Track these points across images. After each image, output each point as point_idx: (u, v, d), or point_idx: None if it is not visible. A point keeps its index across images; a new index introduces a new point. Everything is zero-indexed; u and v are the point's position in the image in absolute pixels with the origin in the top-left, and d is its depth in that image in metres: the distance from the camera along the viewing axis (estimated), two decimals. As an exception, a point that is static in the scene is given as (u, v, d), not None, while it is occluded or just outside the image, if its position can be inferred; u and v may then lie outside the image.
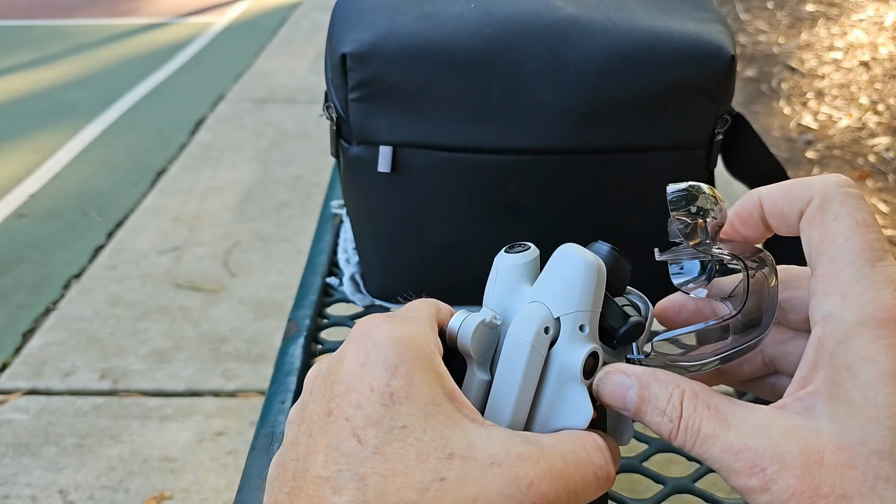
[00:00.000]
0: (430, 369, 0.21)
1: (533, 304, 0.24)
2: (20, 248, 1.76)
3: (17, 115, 2.59)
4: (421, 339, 0.22)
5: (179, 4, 4.21)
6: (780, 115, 2.51)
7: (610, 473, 0.22)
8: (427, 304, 0.25)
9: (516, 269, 0.25)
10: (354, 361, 0.21)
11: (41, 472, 1.13)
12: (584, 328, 0.23)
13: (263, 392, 1.26)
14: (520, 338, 0.23)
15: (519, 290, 0.25)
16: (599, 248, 0.25)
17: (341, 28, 0.54)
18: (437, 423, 0.20)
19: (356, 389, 0.21)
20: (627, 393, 0.23)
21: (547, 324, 0.23)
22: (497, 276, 0.25)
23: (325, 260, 0.70)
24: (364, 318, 0.23)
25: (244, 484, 0.47)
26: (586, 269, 0.23)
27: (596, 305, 0.23)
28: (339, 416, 0.20)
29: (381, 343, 0.21)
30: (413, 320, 0.23)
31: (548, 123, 0.53)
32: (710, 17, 0.56)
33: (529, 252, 0.25)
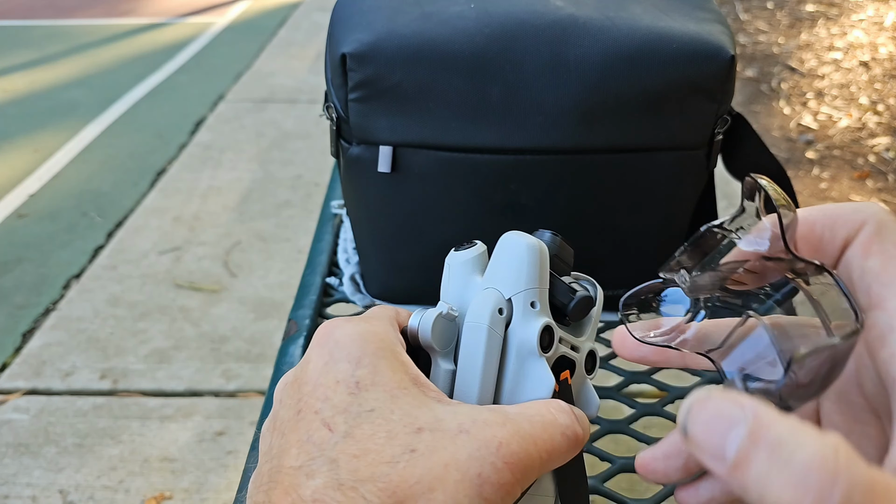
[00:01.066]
0: (394, 359, 0.22)
1: (485, 291, 0.25)
2: (20, 248, 1.76)
3: (17, 115, 2.59)
4: (382, 332, 0.23)
5: (179, 4, 4.21)
6: (780, 115, 2.51)
7: (578, 433, 0.23)
8: (385, 308, 0.26)
9: (466, 264, 0.27)
10: (319, 361, 0.22)
11: (41, 472, 1.13)
12: (535, 304, 0.25)
13: (263, 392, 1.26)
14: (477, 321, 0.24)
15: (471, 282, 0.26)
16: (541, 234, 0.27)
17: (341, 28, 0.54)
18: (403, 403, 0.21)
19: (323, 385, 0.21)
20: (731, 431, 0.15)
21: (500, 305, 0.24)
22: (450, 272, 0.27)
23: (326, 260, 0.70)
24: (325, 322, 0.24)
25: (244, 484, 0.47)
26: (529, 250, 0.25)
27: (543, 283, 0.25)
28: (309, 412, 0.21)
29: (343, 340, 0.22)
30: (373, 318, 0.24)
31: (548, 123, 0.53)
32: (710, 17, 0.56)
33: (477, 247, 0.27)
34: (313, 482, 0.19)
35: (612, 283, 0.60)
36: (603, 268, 0.60)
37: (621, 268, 0.60)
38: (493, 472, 0.20)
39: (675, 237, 0.61)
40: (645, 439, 0.49)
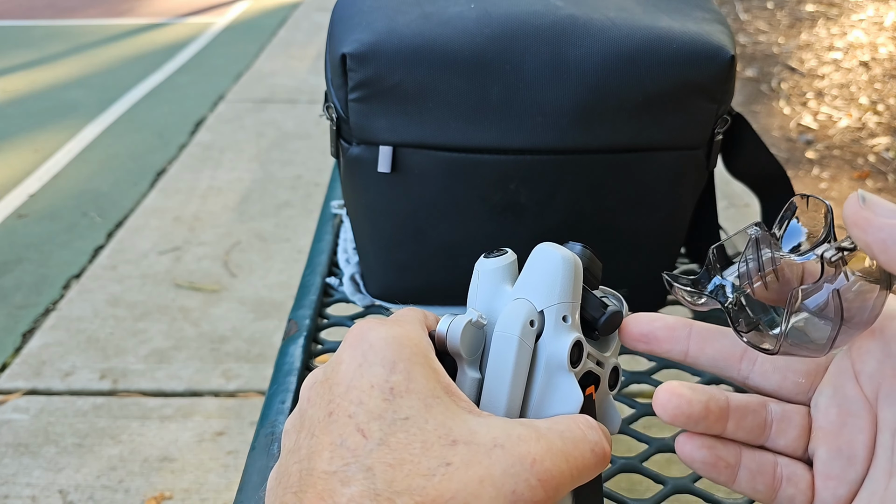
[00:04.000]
0: (427, 365, 0.22)
1: (517, 301, 0.25)
2: (20, 249, 1.76)
3: (17, 116, 2.59)
4: (415, 337, 0.23)
5: (179, 5, 4.21)
6: (780, 115, 2.51)
7: (606, 450, 0.23)
8: (414, 310, 0.26)
9: (496, 272, 0.26)
10: (352, 363, 0.22)
11: (41, 471, 1.13)
12: (567, 318, 0.24)
13: (263, 392, 1.26)
14: (507, 332, 0.24)
15: (501, 290, 0.26)
16: (573, 246, 0.27)
17: (341, 28, 0.54)
18: (437, 413, 0.21)
19: (357, 388, 0.21)
20: None
21: (532, 317, 0.24)
22: (479, 279, 0.26)
23: (325, 260, 0.70)
24: (358, 323, 0.24)
25: (244, 484, 0.47)
26: (564, 263, 0.24)
27: (576, 297, 0.25)
28: (342, 415, 0.21)
29: (378, 343, 0.22)
30: (405, 322, 0.24)
31: (547, 123, 0.53)
32: (710, 17, 0.56)
33: (508, 256, 0.27)
34: (349, 489, 0.19)
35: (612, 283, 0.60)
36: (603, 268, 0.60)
37: (621, 268, 0.60)
38: (526, 489, 0.20)
39: (674, 237, 0.61)
40: (645, 439, 0.49)
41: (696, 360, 0.26)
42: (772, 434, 0.24)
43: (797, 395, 0.25)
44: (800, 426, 0.24)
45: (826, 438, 0.23)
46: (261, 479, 0.47)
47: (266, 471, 0.48)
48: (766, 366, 0.25)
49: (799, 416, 0.24)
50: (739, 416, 0.24)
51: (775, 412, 0.24)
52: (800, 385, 0.24)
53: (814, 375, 0.24)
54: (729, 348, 0.25)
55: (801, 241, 0.24)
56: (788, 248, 0.24)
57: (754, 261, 0.24)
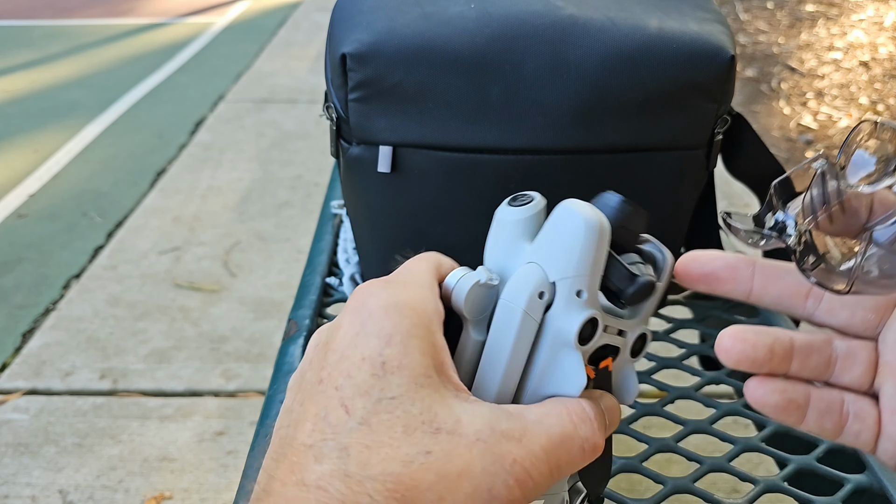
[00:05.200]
0: (426, 339, 0.21)
1: (528, 266, 0.22)
2: (20, 249, 1.76)
3: (16, 115, 2.59)
4: (419, 305, 0.22)
5: (179, 5, 4.21)
6: (780, 115, 2.51)
7: (597, 444, 0.22)
8: (427, 262, 0.24)
9: (517, 225, 0.24)
10: (350, 330, 0.21)
11: (41, 471, 1.13)
12: (582, 293, 0.22)
13: (263, 392, 1.26)
14: (512, 302, 0.22)
15: (519, 247, 0.23)
16: (608, 199, 0.24)
17: (341, 28, 0.54)
18: (425, 395, 0.20)
19: (348, 359, 0.21)
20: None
21: (541, 288, 0.22)
22: (498, 230, 0.24)
23: (325, 260, 0.70)
24: (361, 286, 0.23)
25: (244, 484, 0.47)
26: (586, 230, 0.22)
27: (596, 269, 0.22)
28: (329, 385, 0.20)
29: (377, 312, 0.21)
30: (412, 284, 0.23)
31: (547, 123, 0.53)
32: (710, 17, 0.56)
33: (532, 205, 0.24)
34: (320, 467, 0.19)
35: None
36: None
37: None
38: (503, 489, 0.20)
39: (674, 237, 0.61)
40: (645, 439, 0.49)
41: (759, 300, 0.24)
42: (836, 370, 0.23)
43: (865, 330, 0.24)
44: (866, 362, 0.23)
45: (894, 373, 0.23)
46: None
47: (266, 471, 0.48)
48: (833, 303, 0.24)
49: (865, 352, 0.23)
50: (804, 355, 0.23)
51: (840, 349, 0.23)
52: (868, 321, 0.24)
53: (883, 310, 0.23)
54: (794, 286, 0.24)
55: (870, 171, 0.22)
56: (856, 178, 0.22)
57: (819, 193, 0.22)
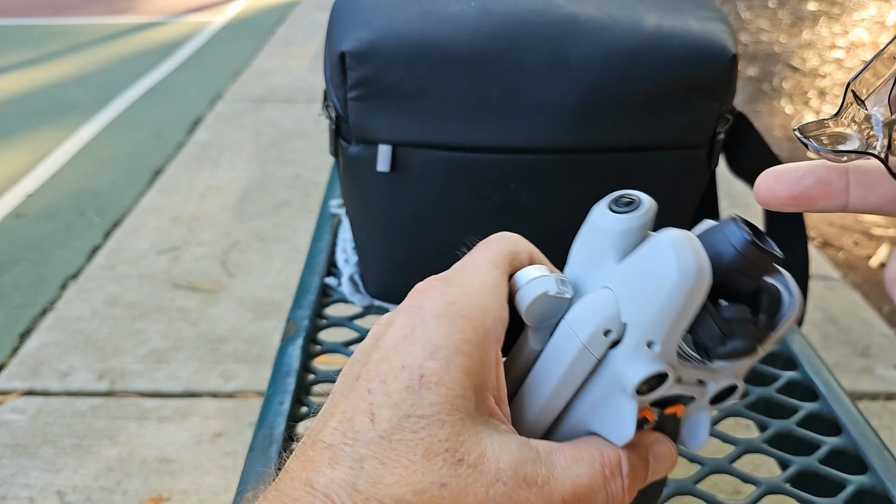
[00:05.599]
0: (474, 356, 0.19)
1: (604, 294, 0.20)
2: (17, 249, 1.75)
3: (14, 115, 2.59)
4: (476, 315, 0.20)
5: (177, 3, 4.20)
6: (782, 115, 2.51)
7: (621, 500, 0.21)
8: (498, 253, 0.22)
9: (609, 235, 0.20)
10: (398, 332, 0.20)
11: (39, 472, 1.12)
12: (654, 345, 0.19)
13: (262, 393, 1.26)
14: (575, 330, 0.20)
15: (605, 261, 0.20)
16: (731, 235, 0.19)
17: (340, 26, 0.54)
18: (457, 419, 0.19)
19: (388, 362, 0.19)
20: None
21: (609, 326, 0.19)
22: (588, 233, 0.21)
23: (324, 260, 0.70)
24: (422, 284, 0.21)
25: (242, 485, 0.47)
26: (677, 282, 0.18)
27: (678, 323, 0.19)
28: (363, 386, 0.19)
29: (429, 319, 0.20)
30: (475, 286, 0.21)
31: (548, 122, 0.53)
32: (712, 16, 0.56)
33: (634, 216, 0.20)
34: (332, 472, 0.18)
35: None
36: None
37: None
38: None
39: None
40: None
41: (857, 209, 0.21)
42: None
43: None
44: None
45: None
46: (259, 481, 0.47)
47: (265, 473, 0.48)
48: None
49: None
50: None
51: None
52: None
53: None
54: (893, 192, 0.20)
55: None
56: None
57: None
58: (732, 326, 0.19)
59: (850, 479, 0.48)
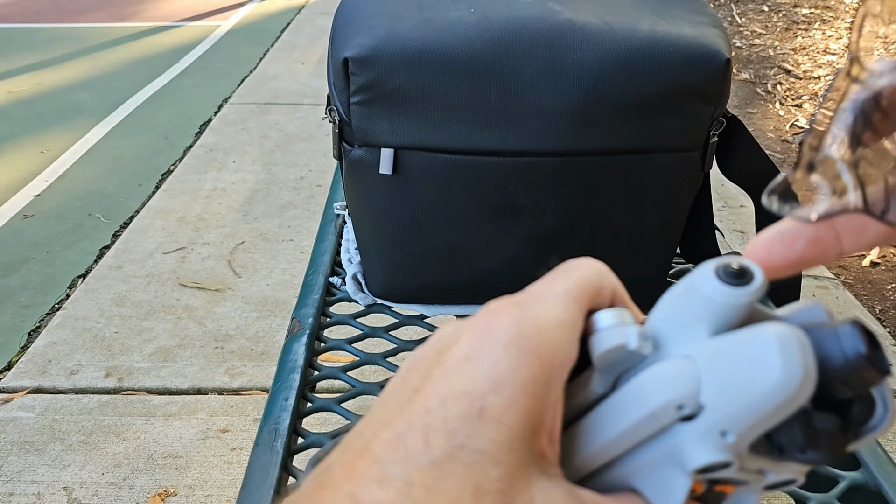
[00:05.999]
0: (538, 396, 0.18)
1: (686, 365, 0.18)
2: (26, 249, 1.78)
3: (23, 117, 2.61)
4: (547, 352, 0.19)
5: (183, 8, 4.23)
6: (776, 118, 2.51)
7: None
8: (581, 285, 0.20)
9: (709, 304, 0.18)
10: (465, 352, 0.19)
11: (46, 469, 1.14)
12: (728, 436, 0.17)
13: (267, 389, 1.27)
14: (646, 394, 0.18)
15: (696, 328, 0.19)
16: (846, 341, 0.17)
17: (343, 33, 0.55)
18: (512, 460, 0.18)
19: (451, 383, 0.18)
20: None
21: (684, 402, 0.18)
22: (684, 293, 0.19)
23: (328, 260, 0.71)
24: (496, 304, 0.20)
25: (248, 480, 0.48)
26: (777, 387, 0.16)
27: (762, 425, 0.17)
28: (421, 403, 0.18)
29: (499, 348, 0.19)
30: (551, 319, 0.19)
31: (546, 126, 0.54)
32: (706, 21, 0.57)
33: (743, 292, 0.18)
34: (378, 492, 0.17)
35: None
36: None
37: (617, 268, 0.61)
38: None
39: (670, 238, 0.62)
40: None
41: (854, 251, 0.21)
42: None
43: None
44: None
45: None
46: (264, 476, 0.48)
47: (270, 467, 0.49)
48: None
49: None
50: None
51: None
52: None
53: None
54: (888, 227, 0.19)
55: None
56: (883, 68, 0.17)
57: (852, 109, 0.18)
58: (819, 438, 0.17)
59: (843, 475, 0.48)
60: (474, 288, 0.62)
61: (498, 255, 0.59)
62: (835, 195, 0.18)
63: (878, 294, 1.59)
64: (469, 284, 0.62)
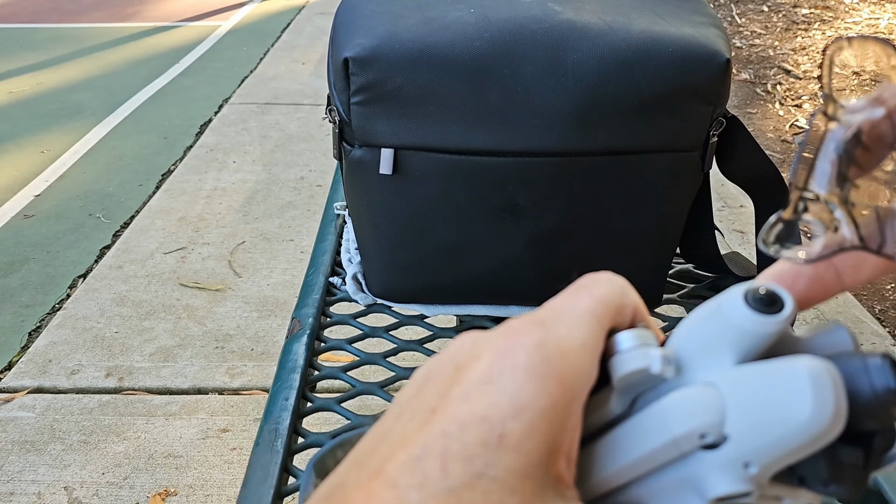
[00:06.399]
0: (558, 422, 0.18)
1: (710, 393, 0.18)
2: (27, 249, 1.78)
3: (23, 117, 2.62)
4: (569, 376, 0.19)
5: (184, 9, 4.23)
6: (775, 118, 2.51)
7: None
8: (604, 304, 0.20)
9: (736, 331, 0.18)
10: (485, 373, 0.18)
11: (47, 468, 1.14)
12: (751, 468, 0.17)
13: (267, 389, 1.27)
14: (668, 421, 0.18)
15: (721, 354, 0.18)
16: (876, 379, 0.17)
17: (344, 33, 0.55)
18: (529, 487, 0.18)
19: (470, 405, 0.18)
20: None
21: (707, 431, 0.17)
22: (710, 318, 0.19)
23: (328, 260, 0.72)
24: (516, 322, 0.19)
25: (248, 480, 0.48)
26: (808, 424, 0.16)
27: (787, 459, 0.17)
28: (439, 424, 0.18)
29: (520, 372, 0.18)
30: (573, 341, 0.19)
31: (545, 126, 0.54)
32: (706, 21, 0.57)
33: (772, 321, 0.18)
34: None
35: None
36: (598, 268, 0.61)
37: (616, 268, 0.61)
38: None
39: (670, 238, 0.62)
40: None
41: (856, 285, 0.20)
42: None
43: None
44: None
45: None
46: (265, 475, 0.49)
47: (270, 467, 0.49)
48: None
49: None
50: None
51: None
52: None
53: None
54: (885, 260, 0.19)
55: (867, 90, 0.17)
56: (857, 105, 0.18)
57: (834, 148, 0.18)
58: (843, 472, 0.17)
59: (840, 474, 0.49)
60: (474, 288, 0.62)
61: (498, 255, 0.60)
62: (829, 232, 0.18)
63: (878, 294, 1.60)
64: (469, 284, 0.62)
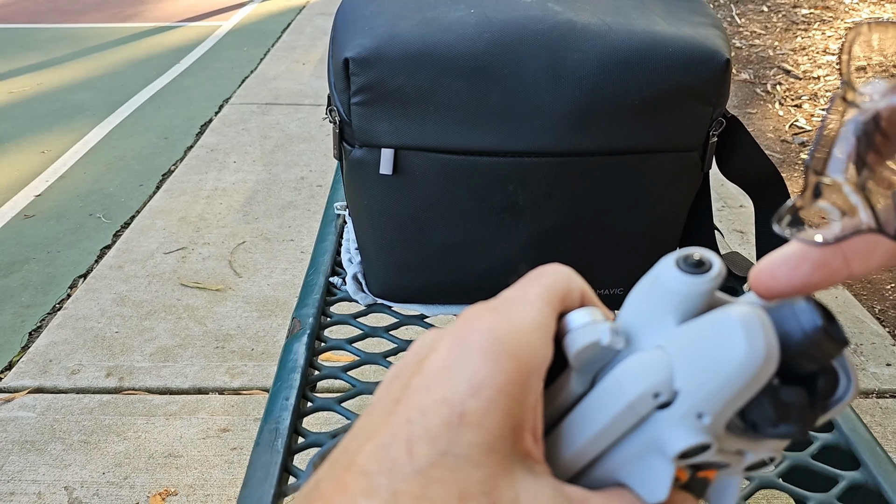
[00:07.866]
0: (516, 397, 0.19)
1: (658, 355, 0.19)
2: (27, 249, 1.78)
3: (23, 117, 2.62)
4: (524, 354, 0.19)
5: (184, 9, 4.24)
6: (775, 118, 2.52)
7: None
8: (550, 289, 0.21)
9: (673, 295, 0.19)
10: (443, 361, 0.19)
11: (47, 468, 1.14)
12: (704, 418, 0.18)
13: (267, 389, 1.28)
14: (622, 388, 0.19)
15: (664, 320, 0.19)
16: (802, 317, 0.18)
17: (344, 33, 0.56)
18: (494, 462, 0.18)
19: (430, 393, 0.19)
20: None
21: (660, 389, 0.19)
22: (649, 287, 0.20)
23: (329, 260, 0.72)
24: (470, 311, 0.20)
25: (248, 479, 0.48)
26: (744, 364, 0.17)
27: (734, 403, 0.18)
28: (402, 413, 0.19)
29: (475, 354, 0.19)
30: (524, 322, 0.20)
31: (545, 126, 0.54)
32: (706, 22, 0.57)
33: (702, 280, 0.19)
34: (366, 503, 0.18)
35: (607, 282, 0.61)
36: (598, 267, 0.61)
37: (616, 267, 0.61)
38: None
39: (670, 237, 0.63)
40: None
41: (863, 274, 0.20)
42: None
43: None
44: None
45: None
46: (265, 475, 0.49)
47: (270, 466, 0.49)
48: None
49: None
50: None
51: None
52: None
53: None
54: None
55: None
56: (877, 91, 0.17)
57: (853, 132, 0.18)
58: (788, 411, 0.18)
59: (843, 475, 0.48)
60: (474, 288, 0.62)
61: (498, 255, 0.60)
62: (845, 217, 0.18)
63: (878, 294, 1.60)
64: (469, 284, 0.62)
